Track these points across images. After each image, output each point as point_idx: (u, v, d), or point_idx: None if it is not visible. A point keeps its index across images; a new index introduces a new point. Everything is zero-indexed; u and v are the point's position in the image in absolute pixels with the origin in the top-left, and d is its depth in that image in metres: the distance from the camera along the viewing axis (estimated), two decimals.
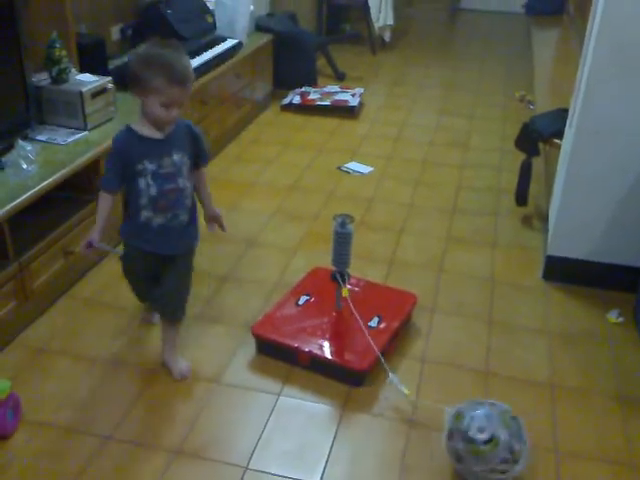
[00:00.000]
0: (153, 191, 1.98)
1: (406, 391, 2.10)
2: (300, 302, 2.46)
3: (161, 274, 2.15)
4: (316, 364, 2.23)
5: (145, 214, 2.02)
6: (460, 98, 5.00)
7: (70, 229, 2.54)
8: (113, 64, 3.37)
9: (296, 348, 2.24)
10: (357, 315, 2.24)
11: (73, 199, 2.63)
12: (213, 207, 2.24)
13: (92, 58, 3.10)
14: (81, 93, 2.71)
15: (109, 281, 2.68)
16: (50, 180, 2.40)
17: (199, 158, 2.13)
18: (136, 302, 2.48)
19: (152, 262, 2.14)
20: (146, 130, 1.97)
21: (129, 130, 1.98)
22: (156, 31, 3.72)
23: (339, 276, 2.29)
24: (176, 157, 2.00)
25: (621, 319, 2.55)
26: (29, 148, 2.49)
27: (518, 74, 5.53)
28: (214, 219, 2.26)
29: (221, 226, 2.28)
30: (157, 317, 2.38)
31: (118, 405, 2.09)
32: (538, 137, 3.11)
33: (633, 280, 2.59)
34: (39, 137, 2.67)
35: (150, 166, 1.97)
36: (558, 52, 5.81)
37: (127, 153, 1.96)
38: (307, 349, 2.23)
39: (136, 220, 2.05)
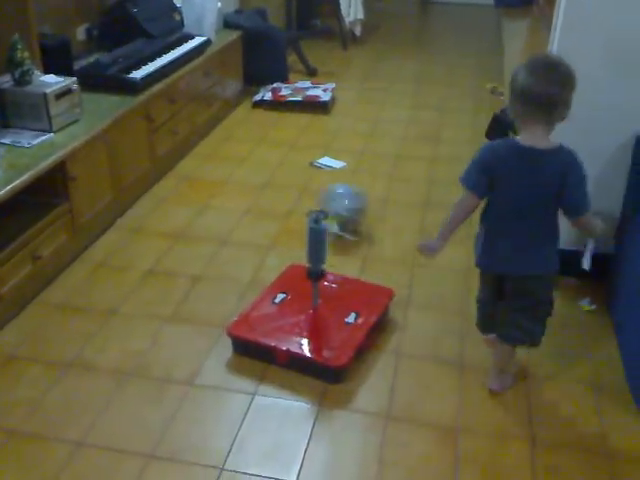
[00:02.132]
0: None
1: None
2: (277, 300, 2.44)
3: None
4: (294, 362, 2.22)
5: None
6: (432, 91, 5.00)
7: (37, 234, 2.49)
8: (79, 65, 3.33)
9: (274, 347, 2.23)
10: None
11: (39, 203, 2.59)
12: None
13: (57, 59, 3.06)
14: (45, 94, 2.66)
15: (79, 285, 2.64)
16: (15, 184, 2.35)
17: None
18: (107, 304, 2.46)
19: None
20: None
21: None
22: (123, 30, 3.69)
23: (314, 271, 2.28)
24: None
25: (594, 307, 2.56)
26: None
27: (489, 66, 5.54)
28: None
29: None
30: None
31: (89, 410, 2.06)
32: (508, 127, 3.11)
33: (605, 268, 2.61)
34: (3, 140, 2.63)
35: None
36: (528, 43, 5.81)
37: None
38: (285, 347, 2.22)
39: None
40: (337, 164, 3.73)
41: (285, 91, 4.62)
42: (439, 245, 2.04)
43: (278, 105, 4.50)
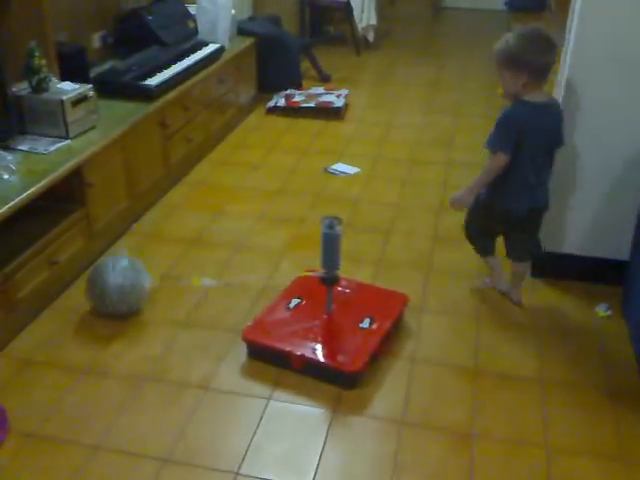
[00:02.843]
0: None
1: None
2: (291, 305, 2.45)
3: None
4: (309, 367, 2.22)
5: None
6: (445, 96, 5.00)
7: (54, 239, 2.52)
8: (94, 72, 3.36)
9: (289, 352, 2.23)
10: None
11: (56, 209, 2.61)
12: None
13: (73, 66, 3.08)
14: (62, 101, 2.69)
15: None
16: (32, 190, 2.38)
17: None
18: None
19: None
20: None
21: None
22: (138, 38, 3.73)
23: (329, 277, 2.29)
24: None
25: (609, 312, 2.55)
26: (10, 158, 2.47)
27: None
28: None
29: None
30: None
31: (106, 415, 2.07)
32: None
33: (620, 274, 2.60)
34: (20, 147, 2.65)
35: None
36: None
37: None
38: (300, 353, 2.22)
39: None
40: (351, 170, 3.74)
41: (298, 97, 4.63)
42: (469, 199, 2.42)
43: (291, 111, 4.52)
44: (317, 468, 1.90)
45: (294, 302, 2.46)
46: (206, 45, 3.94)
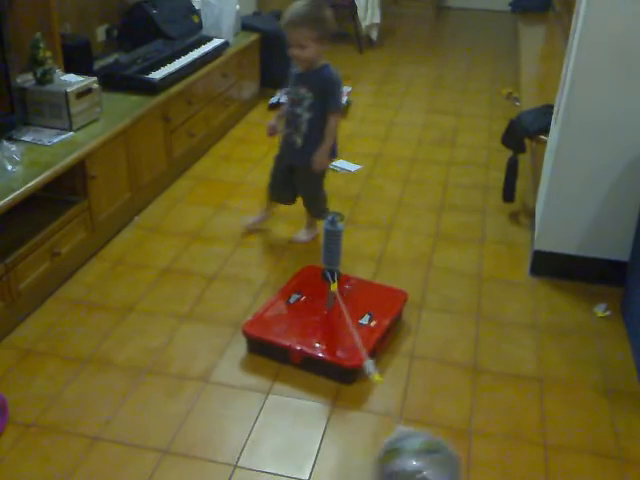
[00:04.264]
0: (286, 107, 2.78)
1: (377, 378, 2.08)
2: (291, 301, 2.46)
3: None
4: (308, 362, 2.23)
5: (284, 124, 2.77)
6: (447, 96, 5.01)
7: (56, 230, 2.53)
8: (99, 65, 3.36)
9: (288, 347, 2.24)
10: (345, 311, 2.23)
11: (59, 200, 2.62)
12: (320, 151, 2.72)
13: (77, 58, 3.09)
14: (66, 93, 2.70)
15: (96, 282, 2.67)
16: (35, 181, 2.39)
17: (327, 103, 2.66)
18: (124, 301, 2.50)
19: (284, 167, 2.89)
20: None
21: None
22: (142, 31, 3.73)
23: (329, 273, 2.29)
24: (302, 90, 2.66)
25: (608, 313, 2.56)
26: (14, 149, 2.48)
27: (505, 71, 5.55)
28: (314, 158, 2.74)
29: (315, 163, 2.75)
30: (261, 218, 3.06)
31: (106, 405, 2.08)
32: (524, 133, 3.12)
33: (620, 274, 2.61)
34: (24, 138, 2.66)
35: (289, 88, 2.74)
36: (544, 49, 5.83)
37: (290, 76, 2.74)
38: (299, 347, 2.23)
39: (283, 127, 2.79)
40: (352, 167, 3.75)
41: None
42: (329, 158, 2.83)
43: None
44: (315, 462, 1.91)
45: (294, 297, 2.47)
46: (210, 40, 3.95)
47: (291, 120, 2.74)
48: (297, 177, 2.88)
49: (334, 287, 2.28)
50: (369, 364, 2.07)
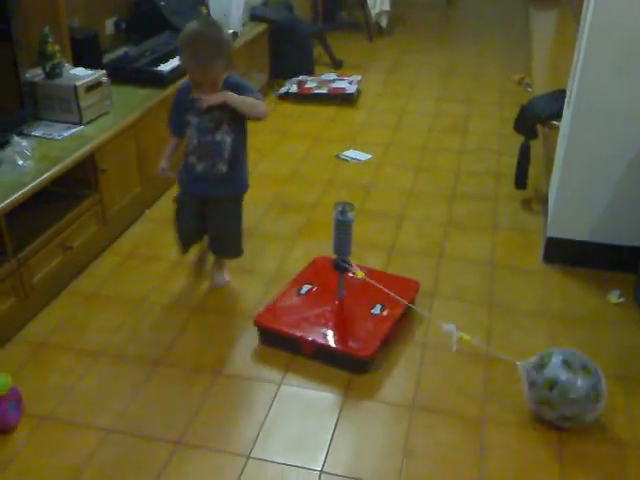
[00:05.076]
0: (195, 141, 2.34)
1: (467, 337, 2.11)
2: (302, 291, 2.46)
3: (207, 217, 2.50)
4: (320, 353, 2.23)
5: (191, 159, 2.38)
6: (458, 83, 4.97)
7: (68, 225, 2.54)
8: (107, 58, 3.37)
9: (300, 337, 2.24)
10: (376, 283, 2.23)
11: (70, 194, 2.63)
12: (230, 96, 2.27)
13: (86, 52, 3.10)
14: (75, 87, 2.70)
15: (108, 275, 2.69)
16: (46, 175, 2.40)
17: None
18: (136, 294, 2.50)
19: (197, 204, 2.47)
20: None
21: (188, 84, 2.32)
22: (151, 24, 3.73)
23: (345, 262, 2.28)
24: (216, 113, 2.28)
25: (622, 299, 2.54)
26: (24, 144, 2.49)
27: (516, 57, 5.50)
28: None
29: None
30: (206, 264, 2.70)
31: (119, 398, 2.09)
32: (536, 119, 3.09)
33: (633, 260, 2.59)
34: (34, 133, 2.67)
35: (194, 120, 2.32)
36: (556, 33, 5.77)
37: (182, 104, 2.35)
38: (311, 338, 2.23)
39: (185, 163, 2.42)
40: (363, 156, 3.73)
41: (311, 83, 4.62)
42: (217, 100, 2.26)
43: (304, 98, 4.51)
44: (328, 452, 1.92)
45: (306, 288, 2.47)
46: None
47: (210, 151, 2.34)
48: (215, 213, 2.48)
49: (360, 274, 2.29)
50: (450, 326, 2.12)
